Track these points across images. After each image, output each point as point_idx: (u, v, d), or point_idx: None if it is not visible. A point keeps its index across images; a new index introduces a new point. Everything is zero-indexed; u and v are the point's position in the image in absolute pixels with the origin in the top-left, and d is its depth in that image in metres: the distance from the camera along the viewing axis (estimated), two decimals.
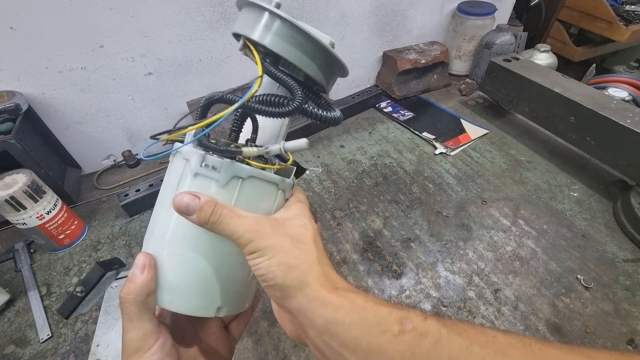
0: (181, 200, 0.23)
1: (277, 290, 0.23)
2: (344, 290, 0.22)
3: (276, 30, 0.23)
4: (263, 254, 0.22)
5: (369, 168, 0.85)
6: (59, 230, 0.64)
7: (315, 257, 0.24)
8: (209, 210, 0.23)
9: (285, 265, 0.22)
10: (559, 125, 0.82)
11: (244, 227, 0.23)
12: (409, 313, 0.21)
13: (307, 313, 0.22)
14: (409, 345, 0.20)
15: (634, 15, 1.28)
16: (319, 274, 0.23)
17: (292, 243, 0.23)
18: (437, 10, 1.11)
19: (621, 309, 0.56)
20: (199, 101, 0.94)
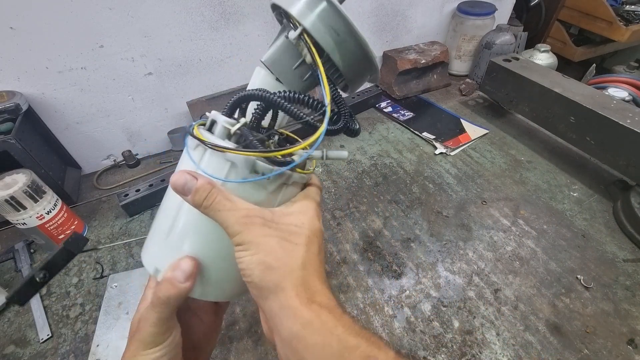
0: (179, 179, 0.23)
1: (253, 288, 0.22)
2: (318, 305, 0.21)
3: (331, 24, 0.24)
4: (247, 248, 0.22)
5: (369, 168, 0.85)
6: (59, 230, 0.64)
7: (299, 261, 0.22)
8: (203, 194, 0.22)
9: (265, 265, 0.22)
10: (559, 125, 0.82)
11: (235, 216, 0.22)
12: (379, 352, 0.20)
13: (275, 319, 0.21)
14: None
15: (634, 15, 1.28)
16: (298, 281, 0.22)
17: (278, 243, 0.22)
18: (437, 10, 1.11)
19: (621, 309, 0.56)
20: (199, 101, 0.94)
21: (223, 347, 0.52)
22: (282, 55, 0.28)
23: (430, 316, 0.56)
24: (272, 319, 0.22)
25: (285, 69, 0.28)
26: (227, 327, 0.55)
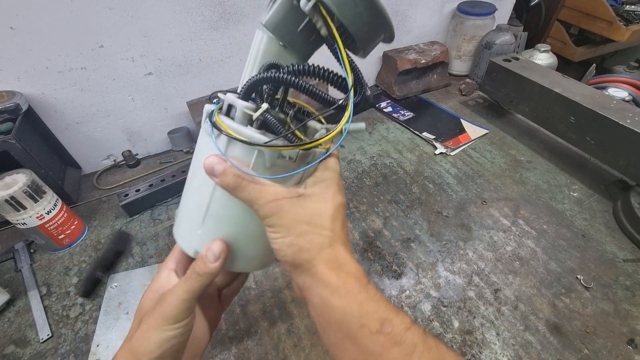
0: (210, 162, 0.24)
1: (288, 265, 0.25)
2: (345, 274, 0.23)
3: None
4: (278, 231, 0.24)
5: (369, 168, 0.85)
6: (59, 230, 0.64)
7: (327, 240, 0.24)
8: (230, 176, 0.24)
9: (297, 246, 0.24)
10: (559, 125, 0.82)
11: (263, 200, 0.24)
12: (394, 317, 0.22)
13: (309, 290, 0.24)
14: (379, 347, 0.21)
15: (634, 15, 1.28)
16: (328, 257, 0.24)
17: (307, 224, 0.24)
18: (437, 10, 1.11)
19: (621, 309, 0.56)
20: (199, 101, 0.94)
21: (223, 347, 0.52)
22: (284, 18, 0.25)
23: (430, 316, 0.56)
24: (305, 289, 0.24)
25: (289, 32, 0.26)
26: (227, 327, 0.55)
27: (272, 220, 0.24)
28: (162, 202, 0.76)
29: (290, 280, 0.61)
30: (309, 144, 0.24)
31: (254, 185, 0.24)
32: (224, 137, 0.25)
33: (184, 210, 0.30)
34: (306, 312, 0.56)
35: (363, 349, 0.21)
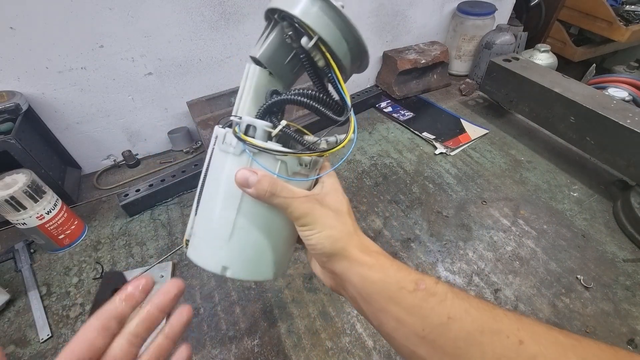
0: (242, 175, 0.27)
1: (325, 256, 0.28)
2: (376, 253, 0.28)
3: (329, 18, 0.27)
4: (313, 227, 0.28)
5: (369, 168, 0.85)
6: (59, 230, 0.64)
7: (352, 228, 0.29)
8: (265, 183, 0.27)
9: (333, 237, 0.28)
10: (559, 125, 0.82)
11: (297, 201, 0.27)
12: (424, 277, 0.26)
13: (346, 272, 0.28)
14: (419, 300, 0.25)
15: (634, 15, 1.28)
16: (357, 242, 0.28)
17: (335, 218, 0.28)
18: (437, 10, 1.11)
19: (621, 309, 0.56)
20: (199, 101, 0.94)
21: (223, 347, 0.52)
22: (276, 52, 0.30)
23: None
24: (343, 274, 0.28)
25: (279, 64, 0.31)
26: (227, 327, 0.55)
27: (306, 219, 0.27)
28: (162, 202, 0.77)
29: (290, 281, 0.61)
30: (330, 150, 0.29)
31: (287, 188, 0.28)
32: (246, 153, 0.28)
33: (204, 230, 0.31)
34: (306, 312, 0.56)
35: (405, 305, 0.25)
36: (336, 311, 0.56)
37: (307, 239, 0.28)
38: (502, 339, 0.22)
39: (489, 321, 0.23)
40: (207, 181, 0.31)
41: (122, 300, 0.25)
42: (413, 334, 0.24)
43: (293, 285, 0.60)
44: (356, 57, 0.30)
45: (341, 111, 0.31)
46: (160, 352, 0.26)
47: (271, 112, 0.30)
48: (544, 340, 0.21)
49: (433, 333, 0.23)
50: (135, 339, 0.24)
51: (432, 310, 0.24)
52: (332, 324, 0.55)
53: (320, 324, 0.55)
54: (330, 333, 0.54)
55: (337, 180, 0.32)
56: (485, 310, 0.23)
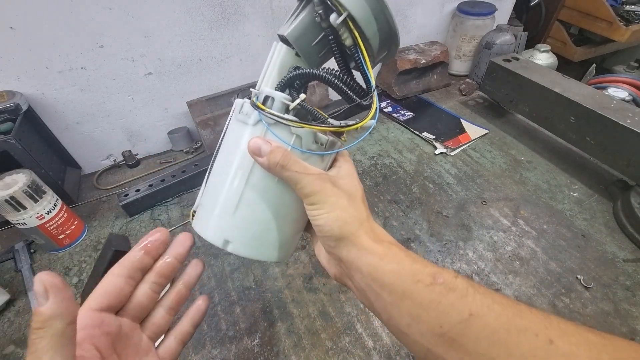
0: (255, 143, 0.26)
1: (332, 240, 0.26)
2: (388, 243, 0.26)
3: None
4: (322, 207, 0.26)
5: (369, 168, 0.85)
6: (59, 230, 0.64)
7: (365, 215, 0.27)
8: (278, 153, 0.25)
9: (342, 220, 0.26)
10: (559, 125, 0.82)
11: (308, 177, 0.26)
12: (442, 270, 0.24)
13: (355, 260, 0.26)
14: (437, 294, 0.23)
15: (634, 15, 1.28)
16: (368, 228, 0.27)
17: (348, 201, 0.27)
18: (437, 10, 1.12)
19: (621, 309, 0.56)
20: (199, 101, 0.94)
21: (223, 347, 0.52)
22: (304, 32, 0.29)
23: None
24: (350, 262, 0.26)
25: (306, 44, 0.30)
26: (227, 327, 0.55)
27: (316, 197, 0.26)
28: (162, 202, 0.76)
29: (290, 281, 0.61)
30: (349, 126, 0.28)
31: (300, 163, 0.26)
32: (261, 124, 0.27)
33: (211, 200, 0.30)
34: (306, 312, 0.56)
35: (421, 300, 0.23)
36: (336, 311, 0.56)
37: (315, 219, 0.26)
38: (530, 337, 0.20)
39: (514, 318, 0.21)
40: (220, 151, 0.30)
41: (144, 253, 0.27)
42: (429, 331, 0.23)
43: (293, 285, 0.60)
44: (385, 40, 0.29)
45: (363, 96, 0.30)
46: (179, 298, 0.30)
47: (291, 86, 0.29)
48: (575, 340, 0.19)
49: (453, 331, 0.22)
50: (156, 287, 0.28)
51: (451, 306, 0.22)
52: (332, 324, 0.55)
53: (320, 324, 0.55)
54: (330, 333, 0.54)
55: (353, 166, 0.31)
56: (510, 306, 0.22)
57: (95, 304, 0.25)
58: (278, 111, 0.27)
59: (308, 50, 0.30)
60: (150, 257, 0.28)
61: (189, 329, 0.31)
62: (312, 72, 0.28)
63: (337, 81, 0.28)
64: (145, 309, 0.28)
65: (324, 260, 0.32)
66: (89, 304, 0.25)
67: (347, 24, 0.26)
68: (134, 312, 0.27)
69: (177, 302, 0.30)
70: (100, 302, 0.25)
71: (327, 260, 0.31)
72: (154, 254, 0.28)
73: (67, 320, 0.18)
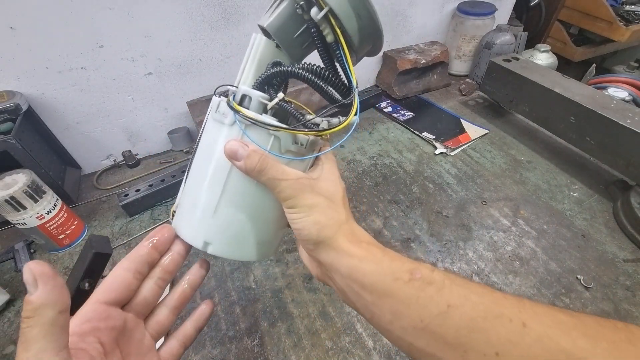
0: (232, 146, 0.25)
1: (310, 244, 0.26)
2: (367, 244, 0.26)
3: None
4: (301, 210, 0.26)
5: (369, 168, 0.85)
6: (59, 230, 0.64)
7: (344, 216, 0.27)
8: (255, 158, 0.25)
9: (320, 224, 0.26)
10: (559, 125, 0.82)
11: (286, 181, 0.26)
12: (419, 265, 0.25)
13: (333, 262, 0.26)
14: (416, 290, 0.23)
15: (634, 15, 1.28)
16: (347, 231, 0.27)
17: (326, 204, 0.27)
18: (437, 10, 1.11)
19: (621, 309, 0.56)
20: (199, 101, 0.94)
21: (223, 347, 0.52)
22: (285, 23, 0.28)
23: None
24: (329, 264, 0.26)
25: (288, 37, 0.29)
26: (227, 327, 0.55)
27: (294, 201, 0.26)
28: (162, 202, 0.76)
29: (290, 281, 0.61)
30: (329, 130, 0.27)
31: (277, 167, 0.26)
32: (237, 124, 0.26)
33: (189, 201, 0.29)
34: (306, 312, 0.56)
35: (401, 297, 0.24)
36: (336, 311, 0.56)
37: (294, 223, 0.26)
38: (505, 322, 0.21)
39: (490, 306, 0.22)
40: (198, 151, 0.29)
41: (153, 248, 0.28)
42: (411, 326, 0.23)
43: (293, 285, 0.60)
44: (368, 37, 0.28)
45: (347, 94, 0.29)
46: (183, 298, 0.30)
47: (270, 84, 0.28)
48: (547, 320, 0.20)
49: (433, 323, 0.22)
50: (161, 282, 0.28)
51: (430, 300, 0.23)
52: (332, 324, 0.55)
53: (320, 324, 0.55)
54: (330, 333, 0.54)
55: (336, 165, 0.30)
56: (485, 294, 0.22)
57: (103, 297, 0.25)
58: (255, 111, 0.27)
59: (289, 43, 0.29)
60: (158, 253, 0.28)
61: (191, 333, 0.31)
62: (289, 70, 0.27)
63: (317, 79, 0.27)
64: (149, 305, 0.28)
65: (306, 260, 0.32)
66: (96, 296, 0.25)
67: (329, 19, 0.25)
68: (139, 307, 0.27)
69: (181, 302, 0.30)
70: (108, 295, 0.25)
71: (309, 261, 0.31)
72: (161, 249, 0.28)
73: (58, 309, 0.18)
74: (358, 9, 0.26)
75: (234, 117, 0.26)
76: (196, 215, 0.29)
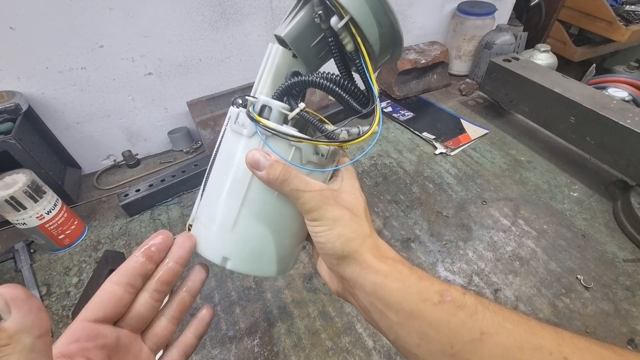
0: (253, 156, 0.24)
1: (334, 258, 0.25)
2: (392, 260, 0.25)
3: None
4: (324, 223, 0.25)
5: (369, 168, 0.85)
6: (59, 230, 0.64)
7: (367, 230, 0.26)
8: (278, 168, 0.24)
9: (344, 237, 0.25)
10: (559, 125, 0.82)
11: (310, 194, 0.25)
12: (449, 287, 0.23)
13: (358, 278, 0.25)
14: (446, 313, 0.22)
15: (634, 15, 1.28)
16: (372, 245, 0.25)
17: (350, 216, 0.25)
18: (437, 10, 1.12)
19: (621, 309, 0.56)
20: (199, 101, 0.94)
21: (223, 347, 0.52)
22: (302, 33, 0.28)
23: None
24: (353, 279, 0.25)
25: (304, 46, 0.28)
26: (227, 327, 0.55)
27: (318, 213, 0.25)
28: (162, 202, 0.77)
29: (290, 281, 0.61)
30: (352, 140, 0.26)
31: (301, 177, 0.25)
32: (258, 135, 0.25)
33: (207, 214, 0.29)
34: (306, 312, 0.56)
35: (430, 320, 0.22)
36: (336, 311, 0.56)
37: (317, 236, 0.25)
38: (545, 355, 0.19)
39: (526, 335, 0.20)
40: (216, 163, 0.29)
41: (146, 258, 0.25)
42: (440, 351, 0.22)
43: (293, 285, 0.60)
44: (388, 45, 0.27)
45: (366, 102, 0.29)
46: (182, 306, 0.28)
47: (290, 94, 0.28)
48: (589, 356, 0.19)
49: (464, 350, 0.21)
50: (158, 294, 0.26)
51: (462, 325, 0.21)
52: (332, 324, 0.55)
53: (320, 324, 0.55)
54: (330, 333, 0.54)
55: (355, 177, 0.29)
56: (521, 323, 0.21)
57: (90, 315, 0.23)
58: (275, 121, 0.26)
59: (306, 52, 0.29)
60: (152, 263, 0.26)
61: (192, 341, 0.29)
62: (311, 80, 0.26)
63: (338, 89, 0.27)
64: (146, 319, 0.26)
65: (326, 276, 0.30)
66: (84, 314, 0.23)
67: (349, 28, 0.25)
68: (134, 322, 0.25)
69: (180, 311, 0.28)
70: (96, 313, 0.23)
71: (329, 276, 0.30)
72: (156, 258, 0.26)
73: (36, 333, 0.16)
74: (379, 17, 0.25)
75: (255, 128, 0.25)
76: (214, 228, 0.28)
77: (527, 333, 0.20)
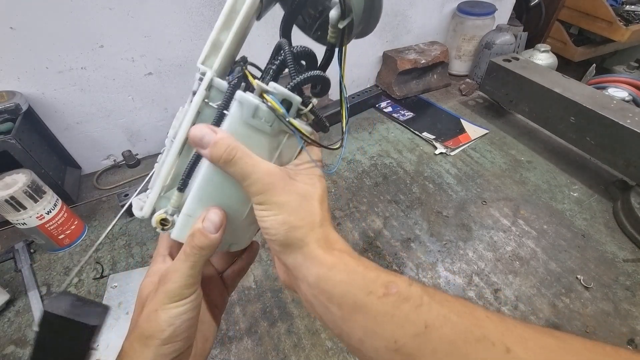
0: (198, 131, 0.23)
1: (277, 245, 0.24)
2: (339, 251, 0.24)
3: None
4: (270, 208, 0.23)
5: (369, 168, 0.85)
6: (59, 230, 0.64)
7: (318, 219, 0.24)
8: (222, 147, 0.22)
9: (289, 224, 0.23)
10: (559, 125, 0.82)
11: (256, 175, 0.23)
12: (395, 278, 0.22)
13: (301, 269, 0.24)
14: (390, 306, 0.21)
15: (634, 15, 1.28)
16: (320, 235, 0.24)
17: (299, 203, 0.24)
18: (437, 10, 1.11)
19: (621, 309, 0.56)
20: None
21: (223, 347, 0.52)
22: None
23: None
24: (296, 269, 0.24)
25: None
26: (227, 327, 0.55)
27: (264, 197, 0.23)
28: None
29: None
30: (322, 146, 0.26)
31: (247, 158, 0.23)
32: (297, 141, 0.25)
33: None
34: (306, 312, 0.56)
35: (374, 314, 0.21)
36: None
37: (261, 221, 0.24)
38: (488, 347, 0.19)
39: (471, 327, 0.20)
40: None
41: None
42: (384, 346, 0.21)
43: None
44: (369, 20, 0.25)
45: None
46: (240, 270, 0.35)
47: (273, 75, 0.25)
48: (532, 345, 0.19)
49: (408, 345, 0.20)
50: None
51: (406, 318, 0.21)
52: None
53: (320, 324, 0.55)
54: (330, 333, 0.54)
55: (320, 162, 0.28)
56: (466, 313, 0.21)
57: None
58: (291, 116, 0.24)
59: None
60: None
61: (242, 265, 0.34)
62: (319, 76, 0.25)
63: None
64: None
65: (276, 263, 0.29)
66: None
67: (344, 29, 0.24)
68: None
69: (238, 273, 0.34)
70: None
71: (277, 264, 0.29)
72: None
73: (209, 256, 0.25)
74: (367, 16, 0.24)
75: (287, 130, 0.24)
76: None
77: (472, 325, 0.20)
